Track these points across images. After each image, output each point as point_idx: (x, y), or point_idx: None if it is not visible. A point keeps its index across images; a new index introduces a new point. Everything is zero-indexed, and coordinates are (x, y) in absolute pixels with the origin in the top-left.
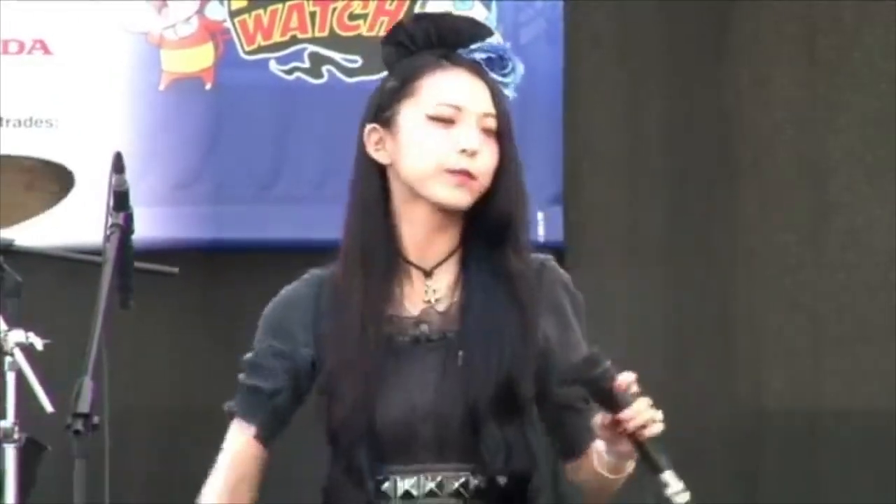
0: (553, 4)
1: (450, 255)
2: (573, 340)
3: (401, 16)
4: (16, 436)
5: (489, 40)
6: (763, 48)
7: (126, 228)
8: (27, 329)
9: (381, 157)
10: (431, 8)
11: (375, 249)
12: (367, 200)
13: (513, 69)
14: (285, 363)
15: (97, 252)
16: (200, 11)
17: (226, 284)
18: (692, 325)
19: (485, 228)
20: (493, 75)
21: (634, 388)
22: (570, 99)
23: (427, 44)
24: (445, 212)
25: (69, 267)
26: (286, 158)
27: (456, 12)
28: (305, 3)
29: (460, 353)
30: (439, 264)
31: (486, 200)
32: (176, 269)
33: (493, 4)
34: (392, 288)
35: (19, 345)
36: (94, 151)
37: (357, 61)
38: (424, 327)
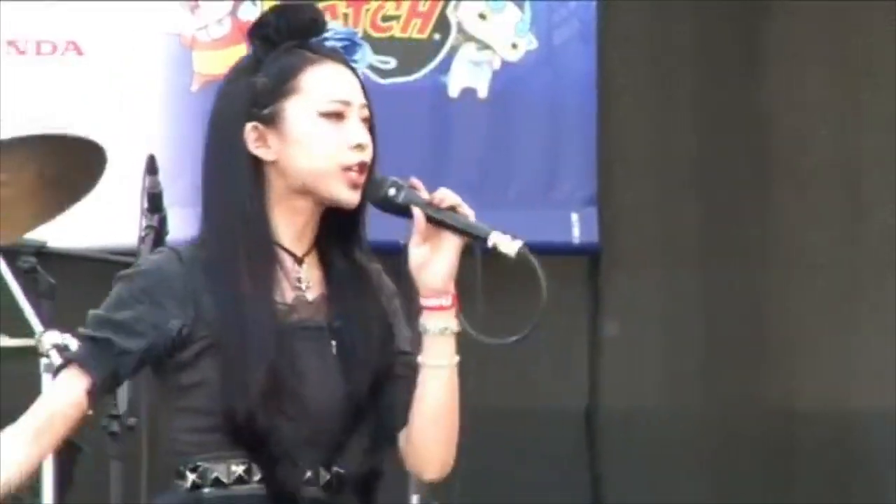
0: (586, 5)
1: (312, 246)
2: (401, 338)
3: (434, 16)
4: None
5: (331, 27)
6: (796, 49)
7: (160, 230)
8: (62, 330)
9: (263, 154)
10: (464, 9)
11: (257, 237)
12: (245, 192)
13: (362, 56)
14: (147, 329)
15: (131, 253)
16: (233, 12)
17: None
18: (725, 326)
19: (343, 221)
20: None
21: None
22: (604, 100)
23: (285, 35)
24: (327, 207)
25: (103, 268)
26: None
27: (490, 13)
28: (338, 4)
29: (333, 342)
30: (307, 253)
31: None
32: None
33: (527, 5)
34: (270, 276)
35: (55, 346)
36: (127, 153)
37: (390, 62)
38: (295, 316)
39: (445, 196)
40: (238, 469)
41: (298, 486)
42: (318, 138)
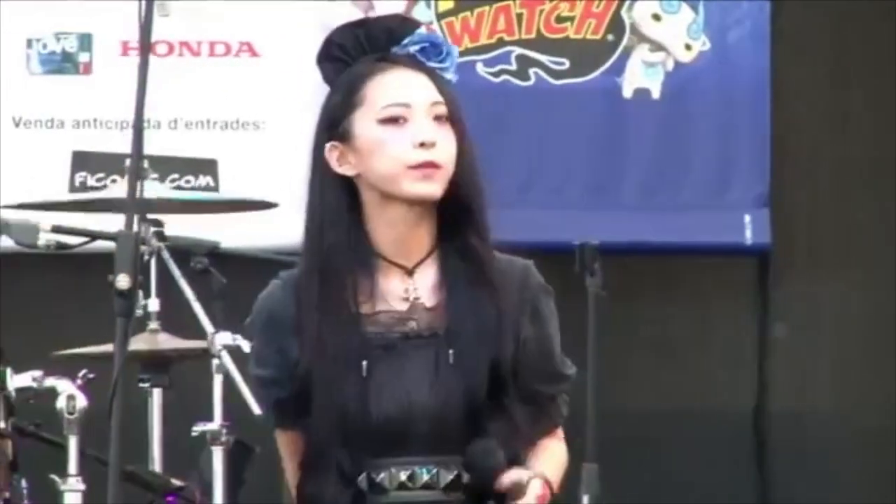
0: (760, 5)
1: (429, 253)
2: (548, 346)
3: (608, 17)
4: (224, 438)
5: (418, 32)
6: None
7: None
8: (234, 331)
9: (346, 170)
10: (638, 10)
11: (351, 253)
12: (334, 212)
13: (448, 53)
14: (286, 375)
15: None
16: (407, 12)
17: None
18: None
19: (451, 217)
20: (431, 64)
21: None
22: (777, 100)
23: (360, 51)
24: (420, 207)
25: (276, 268)
26: (491, 161)
27: (664, 14)
28: (512, 4)
29: (451, 351)
30: (420, 262)
31: (448, 188)
32: None
33: (700, 6)
34: (376, 287)
35: (226, 347)
36: (300, 152)
37: (564, 63)
38: (413, 324)
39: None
40: (362, 482)
41: (419, 490)
42: (382, 144)
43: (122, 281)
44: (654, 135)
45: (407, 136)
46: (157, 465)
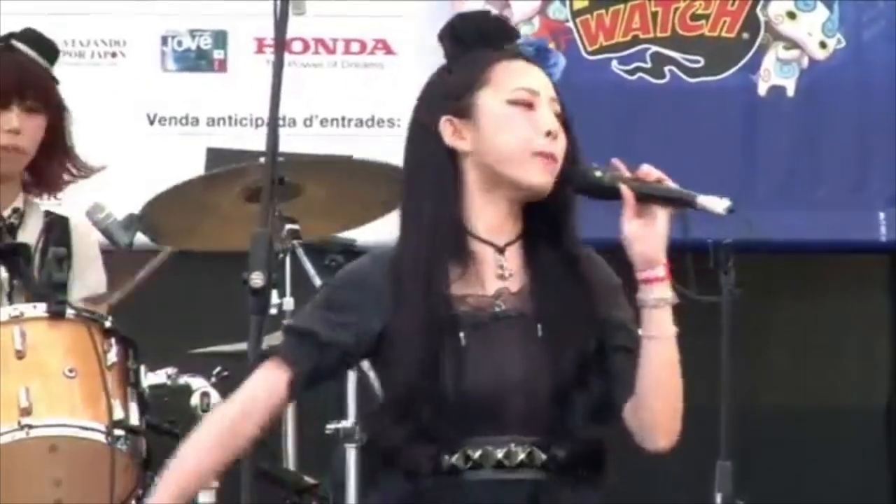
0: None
1: (517, 237)
2: (624, 317)
3: (743, 15)
4: (357, 436)
5: (525, 36)
6: None
7: None
8: None
9: (460, 145)
10: (773, 8)
11: (448, 232)
12: (443, 187)
13: (556, 62)
14: (350, 327)
15: None
16: (542, 11)
17: None
18: None
19: (549, 212)
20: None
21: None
22: None
23: (477, 41)
24: (523, 194)
25: None
26: (626, 158)
27: (799, 12)
28: (647, 2)
29: (539, 326)
30: (510, 244)
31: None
32: None
33: (835, 4)
34: (467, 268)
35: None
36: None
37: (699, 61)
38: (501, 304)
39: (650, 171)
40: (453, 457)
41: (518, 469)
42: (510, 124)
43: (256, 279)
44: (788, 133)
45: (534, 122)
46: (290, 464)
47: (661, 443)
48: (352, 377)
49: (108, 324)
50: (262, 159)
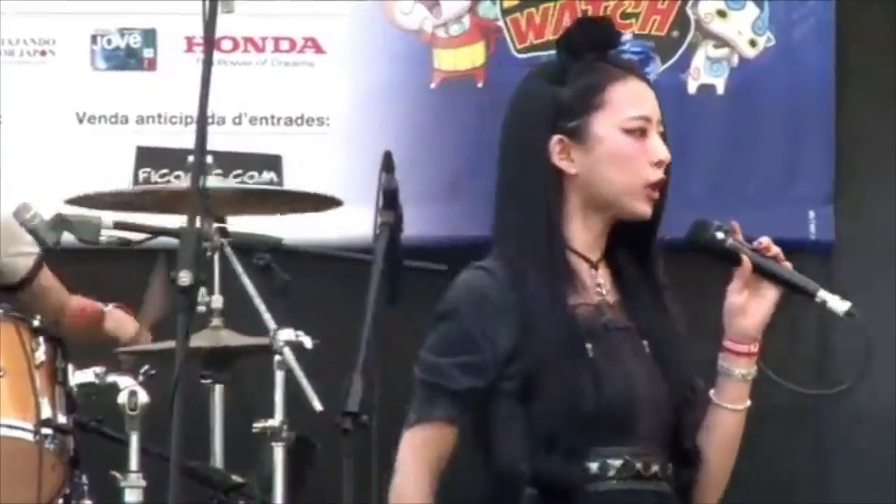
0: (825, 4)
1: (603, 255)
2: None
3: (673, 13)
4: (284, 434)
5: (625, 38)
6: None
7: (396, 227)
8: (296, 328)
9: (567, 167)
10: (702, 7)
11: (559, 248)
12: (549, 205)
13: (654, 68)
14: (489, 364)
15: (366, 250)
16: (472, 10)
17: None
18: None
19: (635, 232)
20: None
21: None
22: (842, 97)
23: (588, 48)
24: (620, 216)
25: (339, 265)
26: None
27: (729, 11)
28: (578, 1)
29: (644, 342)
30: (599, 261)
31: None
32: (445, 267)
33: (766, 3)
34: (573, 282)
35: (289, 343)
36: (364, 149)
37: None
38: (607, 316)
39: (769, 245)
40: (593, 466)
41: (652, 480)
42: (624, 157)
43: (184, 277)
44: (719, 131)
45: (646, 152)
46: (218, 462)
47: (711, 501)
48: (279, 376)
49: (36, 322)
50: (190, 158)
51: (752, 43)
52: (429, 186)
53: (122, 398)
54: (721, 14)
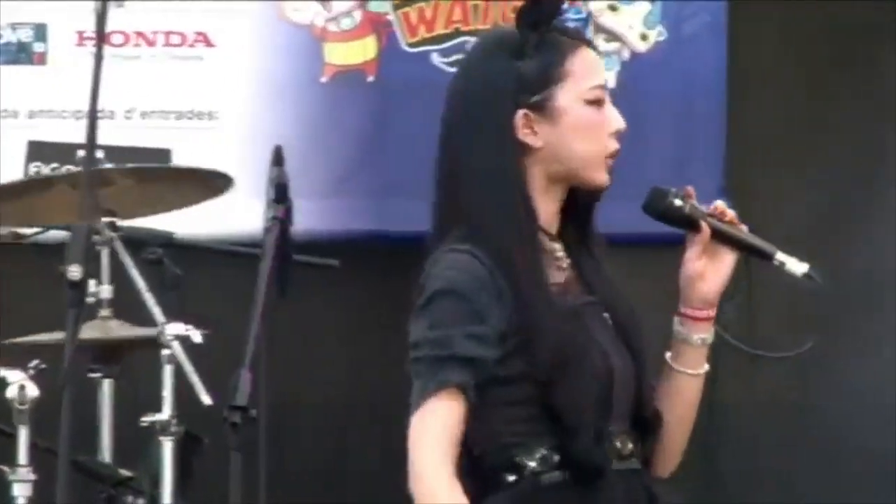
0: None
1: (557, 230)
2: None
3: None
4: (173, 428)
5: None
6: None
7: (285, 221)
8: (186, 322)
9: (532, 141)
10: (594, 3)
11: (530, 223)
12: (516, 180)
13: (590, 32)
14: (495, 336)
15: (256, 244)
16: (363, 4)
17: (387, 277)
18: None
19: (581, 204)
20: None
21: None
22: (734, 92)
23: (545, 19)
24: (571, 187)
25: (228, 259)
26: None
27: (620, 5)
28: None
29: (606, 315)
30: (558, 234)
31: None
32: (336, 262)
33: None
34: (547, 258)
35: (177, 337)
36: (254, 144)
37: None
38: (571, 294)
39: (725, 209)
40: (616, 444)
41: (631, 458)
42: (588, 126)
43: (74, 272)
44: None
45: (607, 122)
46: (106, 456)
47: (667, 472)
48: (168, 370)
49: None
50: (80, 152)
51: (644, 37)
52: (320, 180)
53: (11, 392)
54: (612, 8)
